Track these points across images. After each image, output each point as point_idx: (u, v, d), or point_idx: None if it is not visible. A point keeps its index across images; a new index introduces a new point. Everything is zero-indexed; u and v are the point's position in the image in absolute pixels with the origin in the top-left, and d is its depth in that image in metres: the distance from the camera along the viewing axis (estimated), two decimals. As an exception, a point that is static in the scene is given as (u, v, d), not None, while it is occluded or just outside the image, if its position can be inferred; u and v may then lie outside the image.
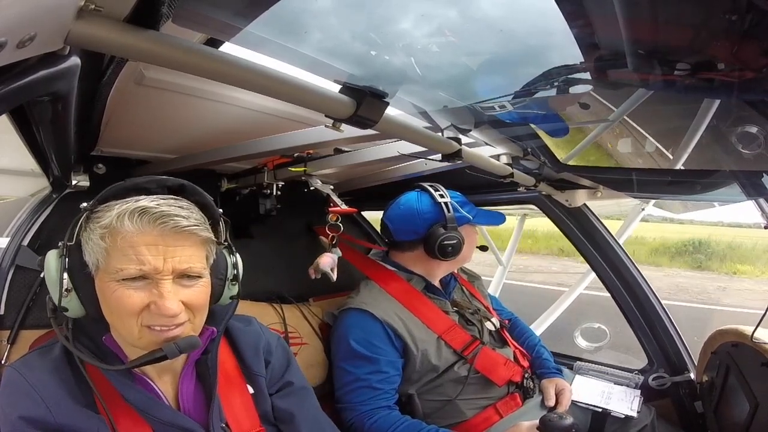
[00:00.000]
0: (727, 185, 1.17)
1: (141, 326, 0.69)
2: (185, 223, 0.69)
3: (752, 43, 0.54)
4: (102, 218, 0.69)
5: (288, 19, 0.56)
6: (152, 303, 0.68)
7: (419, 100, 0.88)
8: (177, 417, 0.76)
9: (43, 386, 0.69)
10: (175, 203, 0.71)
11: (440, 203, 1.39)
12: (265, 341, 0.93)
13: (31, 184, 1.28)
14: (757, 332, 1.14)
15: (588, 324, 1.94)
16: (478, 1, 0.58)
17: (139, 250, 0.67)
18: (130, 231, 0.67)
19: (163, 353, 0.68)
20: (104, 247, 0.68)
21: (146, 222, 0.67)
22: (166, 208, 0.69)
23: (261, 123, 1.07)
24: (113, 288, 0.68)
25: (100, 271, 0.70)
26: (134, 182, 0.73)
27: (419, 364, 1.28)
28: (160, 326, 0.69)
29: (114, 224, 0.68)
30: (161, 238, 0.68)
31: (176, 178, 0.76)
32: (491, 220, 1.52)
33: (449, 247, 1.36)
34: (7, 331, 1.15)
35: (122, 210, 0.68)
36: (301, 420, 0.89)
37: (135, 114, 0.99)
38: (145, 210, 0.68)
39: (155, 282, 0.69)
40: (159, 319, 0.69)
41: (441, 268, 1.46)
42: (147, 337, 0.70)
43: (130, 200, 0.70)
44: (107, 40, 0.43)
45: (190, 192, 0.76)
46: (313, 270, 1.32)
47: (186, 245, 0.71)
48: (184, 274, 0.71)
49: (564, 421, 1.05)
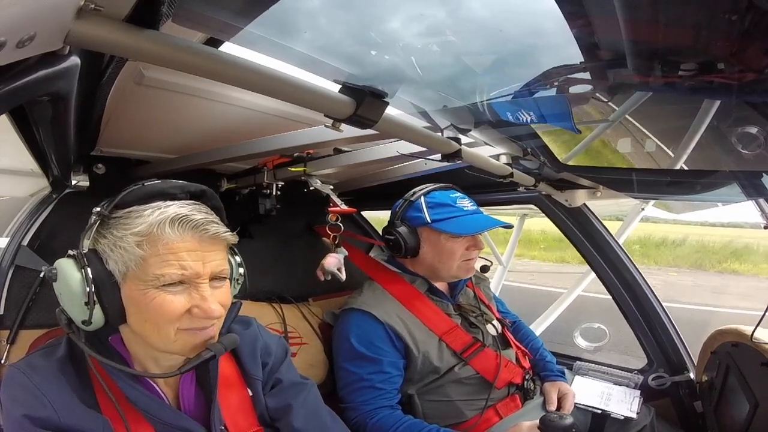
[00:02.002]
0: (727, 185, 1.17)
1: (178, 330, 0.71)
2: (220, 230, 0.72)
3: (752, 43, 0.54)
4: (133, 225, 0.69)
5: (288, 19, 0.56)
6: (194, 307, 0.70)
7: (419, 99, 0.88)
8: (179, 418, 0.76)
9: (48, 387, 0.69)
10: (203, 210, 0.74)
11: (405, 200, 1.41)
12: (263, 343, 0.93)
13: (30, 184, 1.28)
14: (757, 332, 1.14)
15: (588, 324, 1.94)
16: (478, 1, 0.58)
17: (180, 256, 0.69)
18: (172, 238, 0.69)
19: (211, 353, 0.72)
20: (141, 255, 0.68)
21: (187, 228, 0.70)
22: (199, 215, 0.71)
23: (261, 123, 1.07)
24: (152, 295, 0.69)
25: (130, 279, 0.70)
26: (158, 187, 0.73)
27: (420, 365, 1.28)
28: (200, 328, 0.72)
29: (155, 232, 0.68)
30: (199, 244, 0.71)
31: (197, 184, 0.78)
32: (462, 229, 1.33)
33: (390, 242, 1.38)
34: (6, 331, 1.15)
35: (161, 218, 0.69)
36: (294, 414, 0.88)
37: (135, 114, 0.99)
38: (185, 217, 0.70)
39: (194, 286, 0.71)
40: (200, 321, 0.71)
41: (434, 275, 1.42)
42: (183, 340, 0.72)
43: (160, 206, 0.71)
44: (107, 39, 0.43)
45: (209, 197, 0.79)
46: (321, 272, 1.31)
47: (217, 250, 0.74)
48: (216, 277, 0.74)
49: (564, 421, 1.05)
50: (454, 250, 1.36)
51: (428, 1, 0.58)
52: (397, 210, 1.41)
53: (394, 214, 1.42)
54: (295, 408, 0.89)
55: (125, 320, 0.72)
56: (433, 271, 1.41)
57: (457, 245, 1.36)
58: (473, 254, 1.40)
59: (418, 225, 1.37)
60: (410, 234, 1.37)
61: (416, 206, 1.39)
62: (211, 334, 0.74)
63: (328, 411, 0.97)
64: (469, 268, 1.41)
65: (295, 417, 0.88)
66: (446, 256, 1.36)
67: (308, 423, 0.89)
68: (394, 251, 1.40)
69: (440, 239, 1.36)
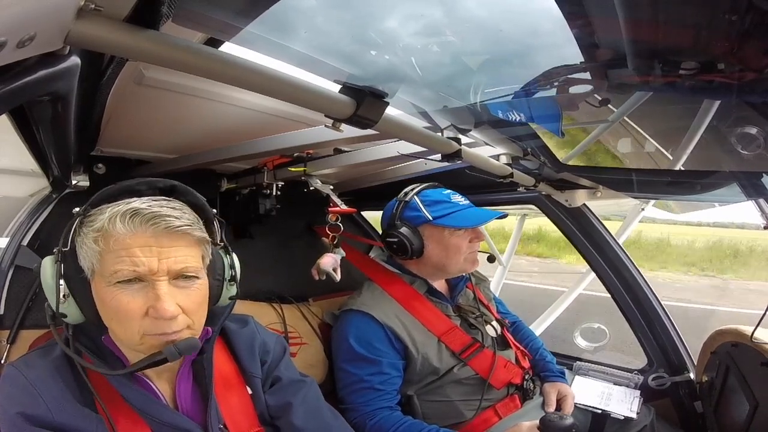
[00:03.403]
0: (727, 185, 1.17)
1: (142, 335, 0.69)
2: (177, 223, 0.69)
3: (752, 43, 0.54)
4: (94, 222, 0.69)
5: (288, 19, 0.56)
6: (150, 307, 0.68)
7: (419, 99, 0.88)
8: (175, 417, 0.76)
9: (43, 385, 0.69)
10: (166, 204, 0.71)
11: (400, 201, 1.40)
12: (260, 341, 0.93)
13: (30, 184, 1.28)
14: (757, 332, 1.14)
15: (588, 324, 1.94)
16: (478, 1, 0.58)
17: (132, 252, 0.67)
18: (123, 233, 0.67)
19: (163, 356, 0.68)
20: (98, 251, 0.68)
21: (138, 223, 0.67)
22: (158, 208, 0.69)
23: (261, 123, 1.07)
24: (111, 293, 0.68)
25: (96, 276, 0.70)
26: (125, 185, 0.73)
27: (420, 366, 1.28)
28: (162, 334, 0.69)
29: (106, 227, 0.68)
30: (154, 239, 0.68)
31: (167, 179, 0.76)
32: (466, 222, 1.35)
33: (393, 245, 1.37)
34: (6, 331, 1.15)
35: (114, 212, 0.68)
36: (294, 412, 0.88)
37: (135, 114, 0.99)
38: (137, 211, 0.68)
39: (151, 284, 0.68)
40: (159, 326, 0.69)
41: (440, 273, 1.44)
42: (148, 342, 0.70)
43: (122, 203, 0.70)
44: (107, 40, 0.43)
45: (181, 192, 0.77)
46: (316, 271, 1.31)
47: (180, 245, 0.70)
48: (180, 275, 0.71)
49: (564, 421, 1.05)
50: (459, 244, 1.37)
51: (428, 1, 0.58)
52: (394, 211, 1.40)
53: (391, 216, 1.41)
54: (294, 406, 0.88)
55: (99, 317, 0.72)
56: (439, 269, 1.41)
57: (462, 239, 1.38)
58: (476, 246, 1.42)
59: (419, 224, 1.37)
60: (413, 234, 1.36)
61: (412, 206, 1.39)
62: (174, 338, 0.70)
63: (329, 408, 0.96)
64: (475, 259, 1.43)
65: (295, 415, 0.87)
66: (453, 251, 1.37)
67: (308, 420, 0.89)
68: (398, 253, 1.39)
69: (444, 235, 1.37)
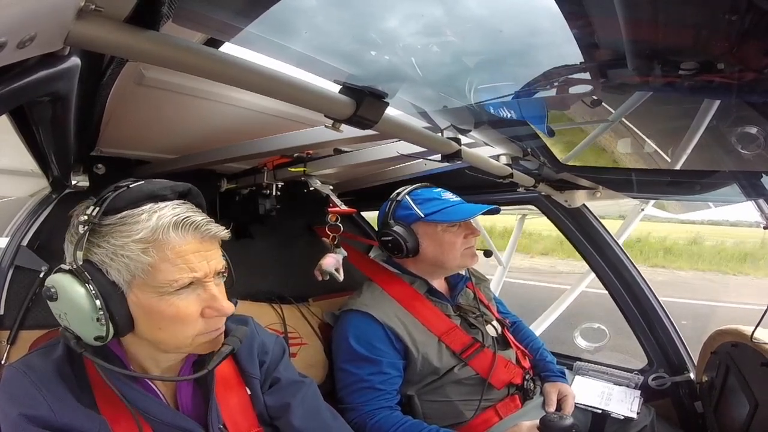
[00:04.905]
0: (727, 186, 1.17)
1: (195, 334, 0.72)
2: (215, 230, 0.73)
3: (752, 43, 0.54)
4: (133, 231, 0.67)
5: (288, 19, 0.56)
6: (206, 307, 0.71)
7: (419, 100, 0.88)
8: (177, 417, 0.76)
9: (46, 386, 0.69)
10: (191, 208, 0.74)
11: (392, 201, 1.41)
12: (259, 342, 0.93)
13: (30, 185, 1.28)
14: (757, 332, 1.14)
15: (588, 324, 1.94)
16: (478, 1, 0.58)
17: (188, 259, 0.69)
18: (178, 242, 0.69)
19: (230, 347, 0.75)
20: (149, 262, 0.67)
21: (190, 231, 0.70)
22: (198, 216, 0.72)
23: (261, 123, 1.07)
24: (167, 301, 0.68)
25: (137, 287, 0.68)
26: (147, 189, 0.71)
27: (420, 366, 1.28)
28: (215, 329, 0.73)
29: (160, 237, 0.67)
30: (201, 244, 0.71)
31: (183, 183, 0.77)
32: (456, 216, 1.35)
33: (389, 243, 1.38)
34: (6, 331, 1.15)
35: (163, 222, 0.68)
36: (293, 413, 0.88)
37: (135, 114, 0.99)
38: (187, 220, 0.70)
39: (202, 287, 0.72)
40: (214, 323, 0.73)
41: (439, 271, 1.45)
42: (198, 341, 0.73)
43: (154, 209, 0.69)
44: (107, 40, 0.42)
45: (194, 195, 0.79)
46: (319, 272, 1.31)
47: (215, 248, 0.75)
48: (217, 274, 0.75)
49: (564, 421, 1.05)
50: (453, 240, 1.38)
51: (428, 1, 0.58)
52: (387, 211, 1.41)
53: (384, 215, 1.42)
54: (293, 406, 0.89)
55: (133, 329, 0.70)
56: (438, 266, 1.41)
57: (455, 235, 1.38)
58: (472, 241, 1.43)
59: (411, 222, 1.38)
60: (407, 232, 1.37)
61: (404, 205, 1.40)
62: (222, 332, 0.76)
63: (329, 408, 0.96)
64: (473, 254, 1.43)
65: (294, 415, 0.88)
66: (448, 248, 1.38)
67: (307, 421, 0.89)
68: (394, 252, 1.40)
69: (437, 232, 1.38)
